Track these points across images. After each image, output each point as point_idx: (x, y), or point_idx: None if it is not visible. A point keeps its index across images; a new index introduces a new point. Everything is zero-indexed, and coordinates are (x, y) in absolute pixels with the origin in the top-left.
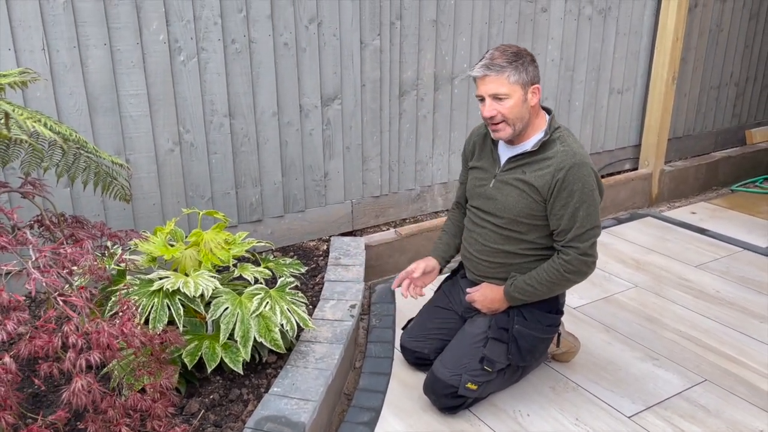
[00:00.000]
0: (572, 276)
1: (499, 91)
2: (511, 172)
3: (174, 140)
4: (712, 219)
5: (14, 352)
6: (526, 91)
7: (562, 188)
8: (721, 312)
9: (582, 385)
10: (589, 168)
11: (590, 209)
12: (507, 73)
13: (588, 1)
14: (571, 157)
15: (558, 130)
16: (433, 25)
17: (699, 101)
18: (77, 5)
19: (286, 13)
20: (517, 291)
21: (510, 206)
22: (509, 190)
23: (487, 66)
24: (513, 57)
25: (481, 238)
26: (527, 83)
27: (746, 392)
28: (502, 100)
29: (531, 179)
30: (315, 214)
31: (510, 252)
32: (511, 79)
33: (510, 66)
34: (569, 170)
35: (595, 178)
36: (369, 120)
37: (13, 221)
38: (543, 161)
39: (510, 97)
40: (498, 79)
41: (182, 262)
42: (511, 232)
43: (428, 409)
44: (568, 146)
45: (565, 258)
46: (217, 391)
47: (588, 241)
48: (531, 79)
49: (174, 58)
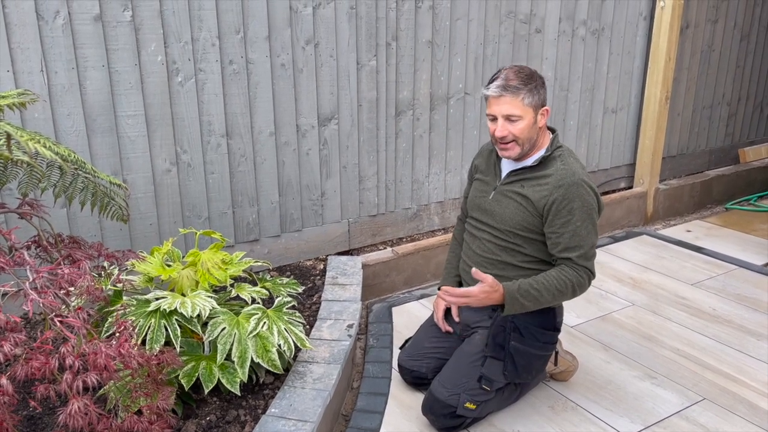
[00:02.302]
0: (579, 290)
1: (512, 113)
2: (510, 185)
3: (171, 160)
4: (707, 237)
5: (10, 374)
6: (537, 113)
7: (561, 206)
8: (719, 330)
9: (580, 405)
10: (587, 187)
11: (590, 227)
12: (522, 95)
13: (581, 22)
14: (570, 175)
15: (560, 149)
16: (428, 45)
17: (692, 120)
18: (76, 27)
19: (284, 34)
20: (520, 293)
21: (507, 218)
22: (507, 202)
23: (503, 87)
24: (528, 79)
25: (479, 249)
26: (538, 105)
27: (745, 411)
28: (515, 121)
29: (528, 193)
30: (312, 233)
31: (508, 263)
32: (525, 101)
33: (525, 88)
34: (568, 188)
35: (595, 197)
36: (365, 140)
37: (10, 242)
38: (542, 177)
39: (522, 118)
40: (513, 101)
41: (179, 283)
42: (508, 244)
43: (427, 429)
44: (567, 165)
45: (578, 272)
46: (214, 413)
47: (591, 259)
48: (542, 101)
49: (172, 79)
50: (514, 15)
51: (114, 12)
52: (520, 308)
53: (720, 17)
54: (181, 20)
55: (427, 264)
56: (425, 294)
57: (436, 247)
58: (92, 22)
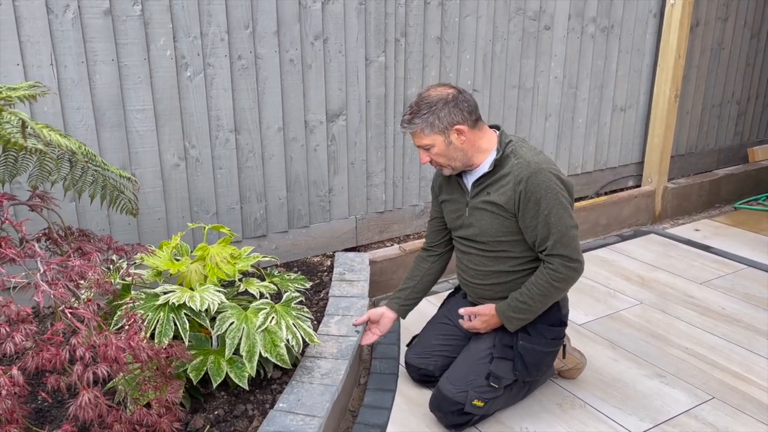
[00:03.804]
0: (562, 284)
1: (422, 143)
2: (478, 197)
3: (180, 155)
4: (716, 236)
5: (21, 365)
6: (447, 135)
7: (527, 199)
8: (728, 329)
9: (589, 402)
10: (547, 173)
11: (560, 212)
12: (419, 128)
13: (591, 19)
14: (526, 167)
15: (510, 144)
16: (437, 42)
17: (701, 119)
18: (86, 21)
19: (293, 30)
20: (511, 310)
21: (486, 229)
22: (481, 214)
23: (402, 124)
24: (425, 109)
25: (471, 264)
26: (445, 128)
27: (754, 410)
28: (429, 149)
29: (495, 198)
30: (319, 229)
31: (501, 271)
32: (426, 132)
33: (421, 120)
34: (528, 180)
35: (559, 180)
36: (373, 136)
37: (21, 234)
38: (502, 179)
39: (433, 145)
40: (416, 134)
41: (188, 277)
42: (496, 253)
43: (434, 426)
44: (521, 158)
45: (552, 267)
46: (222, 407)
47: (570, 245)
48: (448, 123)
49: (180, 73)
50: (523, 12)
51: (124, 6)
52: (519, 322)
53: (730, 15)
54: (190, 15)
55: None
56: (432, 291)
57: None
58: (102, 16)
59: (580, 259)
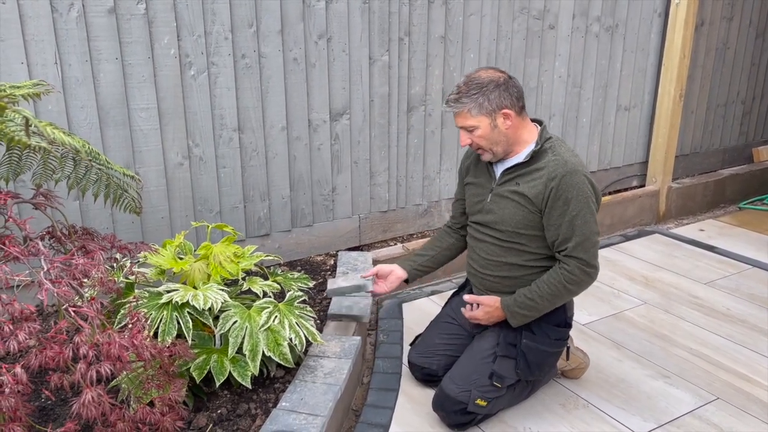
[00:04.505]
0: (574, 287)
1: (465, 124)
2: (506, 185)
3: (183, 154)
4: (720, 236)
5: (24, 363)
6: (494, 118)
7: (556, 197)
8: (732, 329)
9: (592, 403)
10: (582, 175)
11: (587, 217)
12: (467, 108)
13: (595, 19)
14: (562, 165)
15: (550, 140)
16: (441, 41)
17: (706, 119)
18: (90, 20)
19: (296, 29)
20: (517, 305)
21: (507, 219)
22: (505, 203)
23: (448, 103)
24: (475, 89)
25: (484, 253)
26: (493, 111)
27: (759, 411)
28: (472, 131)
29: (524, 190)
30: (322, 228)
31: (513, 264)
32: (473, 112)
33: (470, 100)
34: (562, 179)
35: (590, 185)
36: (377, 135)
37: (25, 232)
38: (535, 171)
39: (478, 127)
40: (460, 114)
41: (191, 275)
42: (512, 244)
43: (437, 425)
44: (559, 155)
45: (567, 269)
46: (225, 406)
47: (590, 250)
48: (497, 106)
49: (184, 72)
50: (527, 11)
51: (128, 5)
52: (523, 319)
53: (735, 15)
54: (194, 13)
55: None
56: (435, 290)
57: None
58: (106, 15)
59: (596, 266)
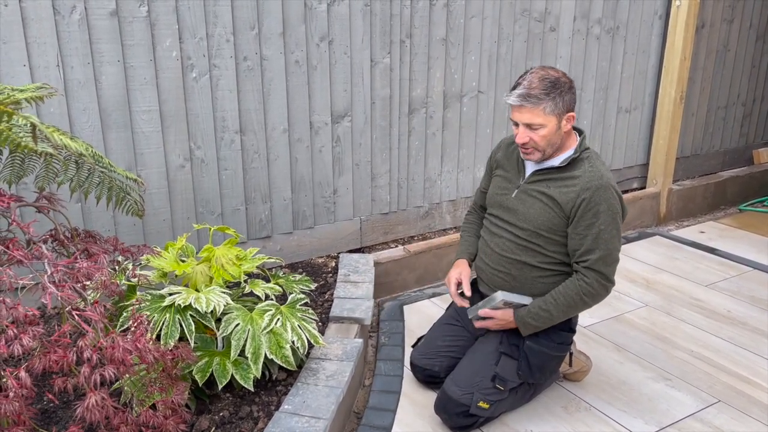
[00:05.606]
0: (590, 300)
1: (533, 122)
2: (535, 185)
3: (185, 156)
4: (721, 238)
5: (28, 366)
6: (561, 120)
7: (587, 209)
8: (733, 332)
9: (594, 405)
10: (614, 192)
11: (613, 233)
12: (543, 105)
13: (596, 21)
14: (598, 178)
15: (587, 151)
16: (442, 43)
17: (706, 121)
18: (92, 22)
19: (298, 31)
20: (531, 316)
21: (531, 218)
22: (532, 201)
23: (524, 97)
24: (551, 87)
25: (498, 248)
26: (563, 112)
27: (760, 413)
28: (536, 129)
29: (555, 194)
30: (324, 230)
31: (526, 263)
32: (546, 110)
33: (547, 97)
34: (595, 191)
35: (620, 204)
36: (378, 137)
37: (28, 235)
38: (569, 179)
39: (544, 126)
40: (533, 111)
41: (193, 278)
42: (529, 243)
43: (439, 428)
44: (595, 167)
45: (587, 281)
46: (227, 409)
47: (611, 265)
48: (567, 107)
49: (186, 74)
50: (528, 13)
51: (130, 7)
52: (533, 329)
53: (736, 17)
54: (196, 16)
55: (439, 262)
56: (437, 293)
57: (448, 245)
58: (108, 17)
59: (613, 282)
